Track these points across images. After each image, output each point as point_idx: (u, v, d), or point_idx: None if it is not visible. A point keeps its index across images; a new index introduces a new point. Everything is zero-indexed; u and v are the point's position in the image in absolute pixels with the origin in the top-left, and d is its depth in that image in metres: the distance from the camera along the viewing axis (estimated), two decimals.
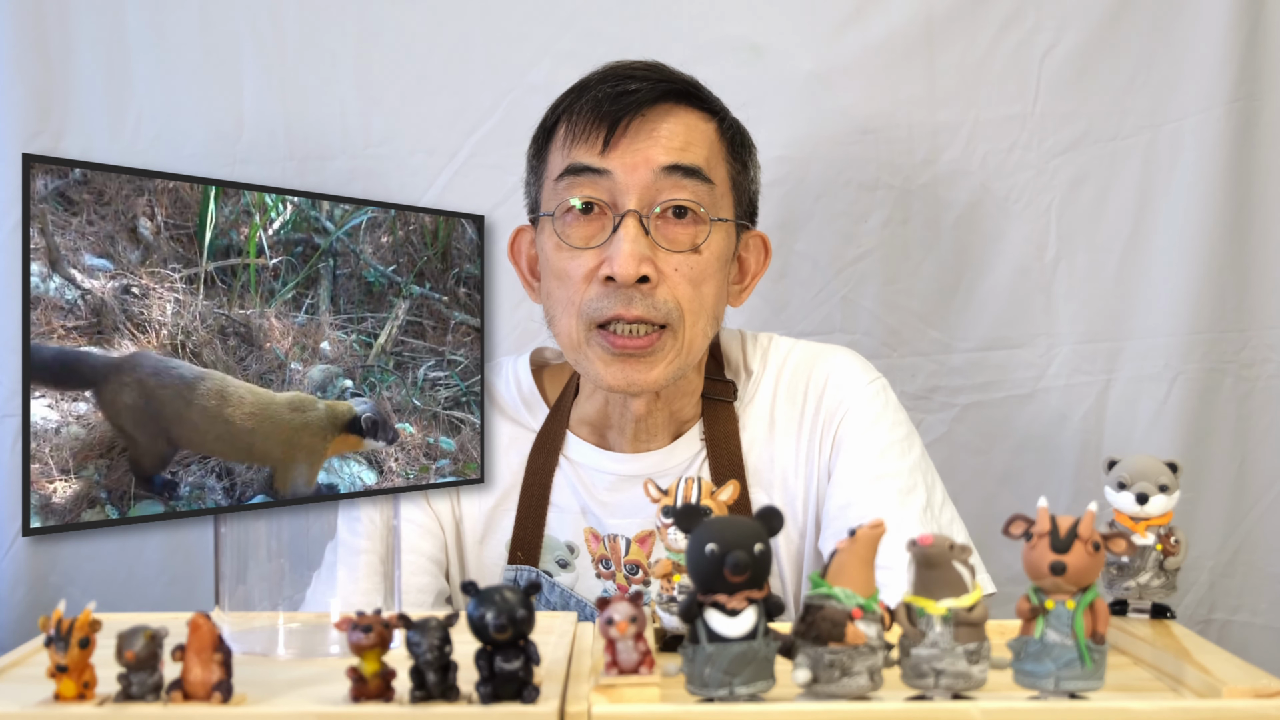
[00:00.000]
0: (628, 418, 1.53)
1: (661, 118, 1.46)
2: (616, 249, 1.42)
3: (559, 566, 1.53)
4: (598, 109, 1.45)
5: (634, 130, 1.45)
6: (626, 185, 1.44)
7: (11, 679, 1.00)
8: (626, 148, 1.44)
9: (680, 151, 1.45)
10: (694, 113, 1.49)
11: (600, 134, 1.45)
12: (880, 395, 1.55)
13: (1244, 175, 1.89)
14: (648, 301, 1.43)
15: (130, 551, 1.92)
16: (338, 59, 1.90)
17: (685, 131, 1.47)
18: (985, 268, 1.93)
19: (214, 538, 1.09)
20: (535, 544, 1.53)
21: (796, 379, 1.56)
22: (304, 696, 0.93)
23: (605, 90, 1.46)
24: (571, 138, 1.47)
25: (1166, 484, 1.11)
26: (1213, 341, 1.90)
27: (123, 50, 1.89)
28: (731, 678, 0.87)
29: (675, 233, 1.45)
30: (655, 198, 1.44)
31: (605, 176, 1.44)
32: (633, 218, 1.43)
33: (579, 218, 1.46)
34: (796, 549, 1.53)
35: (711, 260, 1.47)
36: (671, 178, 1.44)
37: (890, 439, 1.52)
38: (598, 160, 1.45)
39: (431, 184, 1.91)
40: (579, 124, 1.46)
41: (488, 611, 0.87)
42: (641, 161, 1.44)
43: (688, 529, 0.90)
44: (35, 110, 1.88)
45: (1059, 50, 1.90)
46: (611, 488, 1.53)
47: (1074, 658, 0.89)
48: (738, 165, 1.52)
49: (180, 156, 1.90)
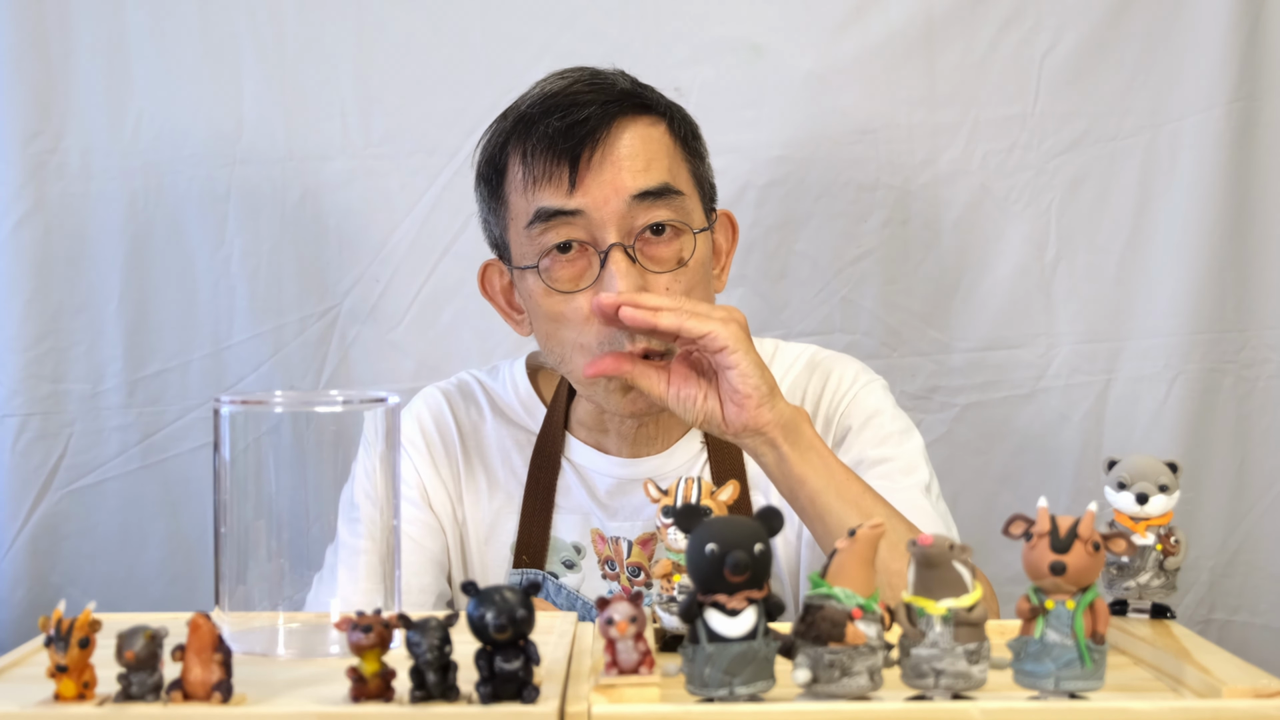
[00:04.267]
0: (627, 424, 1.52)
1: (617, 139, 1.42)
2: (611, 287, 1.39)
3: (565, 568, 1.53)
4: (553, 147, 1.41)
5: (596, 162, 1.41)
6: (602, 219, 1.41)
7: (11, 679, 1.00)
8: (593, 181, 1.41)
9: (644, 173, 1.42)
10: (643, 120, 1.45)
11: (563, 173, 1.41)
12: (878, 392, 1.56)
13: (1244, 175, 1.89)
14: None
15: (130, 551, 1.92)
16: (338, 59, 1.90)
17: (643, 146, 1.44)
18: (985, 268, 1.93)
19: (214, 538, 1.09)
20: (541, 547, 1.53)
21: (797, 384, 1.56)
22: (304, 696, 0.93)
23: (555, 124, 1.42)
24: (532, 179, 1.43)
25: (1166, 484, 1.11)
26: (1213, 341, 1.90)
27: (123, 50, 1.89)
28: (731, 678, 0.87)
29: (659, 252, 1.43)
30: (633, 224, 1.42)
31: (578, 215, 1.41)
32: (618, 250, 1.40)
33: (560, 259, 1.43)
34: (795, 550, 1.53)
35: (697, 268, 1.46)
36: (643, 202, 1.42)
37: (891, 429, 1.52)
38: (566, 201, 1.41)
39: (431, 184, 1.91)
40: (536, 164, 1.42)
41: (488, 611, 0.87)
42: (611, 193, 1.41)
43: (688, 529, 0.90)
44: (35, 110, 1.88)
45: (1059, 50, 1.90)
46: (612, 491, 1.53)
47: (1074, 658, 0.89)
48: (694, 159, 1.50)
49: (180, 156, 1.90)
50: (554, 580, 1.52)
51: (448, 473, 1.57)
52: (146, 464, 1.92)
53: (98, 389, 1.91)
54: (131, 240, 1.90)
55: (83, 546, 1.91)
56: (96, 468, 1.91)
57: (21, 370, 1.89)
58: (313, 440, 1.10)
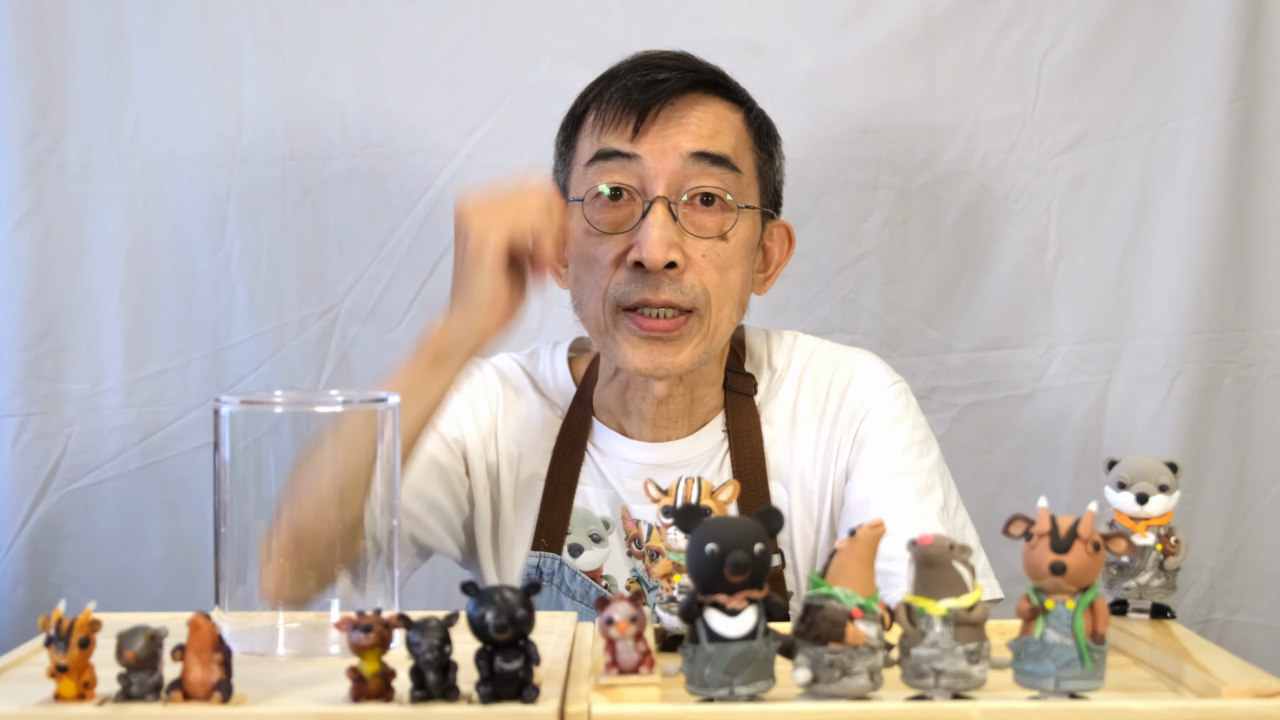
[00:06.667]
0: (649, 401, 1.53)
1: (690, 106, 1.48)
2: (645, 234, 1.44)
3: (592, 541, 1.53)
4: (627, 97, 1.47)
5: (664, 118, 1.47)
6: (655, 171, 1.45)
7: (11, 679, 1.00)
8: (656, 134, 1.46)
9: (708, 139, 1.47)
10: (722, 102, 1.51)
11: (630, 121, 1.47)
12: (902, 397, 1.56)
13: (1244, 175, 1.89)
14: (675, 286, 1.44)
15: (130, 551, 1.92)
16: (338, 59, 1.90)
17: (713, 120, 1.49)
18: (985, 268, 1.93)
19: (214, 538, 1.09)
20: (560, 530, 1.54)
21: (820, 378, 1.57)
22: (304, 696, 0.94)
23: (635, 79, 1.48)
24: (601, 124, 1.49)
25: (1166, 484, 1.11)
26: (1213, 341, 1.91)
27: (123, 50, 1.89)
28: (731, 678, 0.87)
29: (703, 219, 1.47)
30: (683, 184, 1.46)
31: (635, 161, 1.46)
32: (661, 204, 1.45)
33: (608, 203, 1.48)
34: (813, 546, 1.54)
35: (738, 247, 1.48)
36: (699, 164, 1.46)
37: (911, 439, 1.53)
38: (628, 145, 1.46)
39: (431, 184, 1.91)
40: (609, 111, 1.48)
41: (488, 611, 0.87)
42: (670, 148, 1.46)
43: (688, 529, 0.90)
44: (35, 110, 1.88)
45: (1059, 50, 1.90)
46: (636, 475, 1.54)
47: (1074, 658, 0.89)
48: (764, 155, 1.54)
49: (180, 156, 1.90)
50: (569, 562, 1.53)
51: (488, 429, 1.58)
52: (146, 464, 1.92)
53: (97, 389, 1.90)
54: (131, 240, 1.90)
55: (82, 546, 1.91)
56: (96, 468, 1.91)
57: (21, 370, 1.89)
58: None
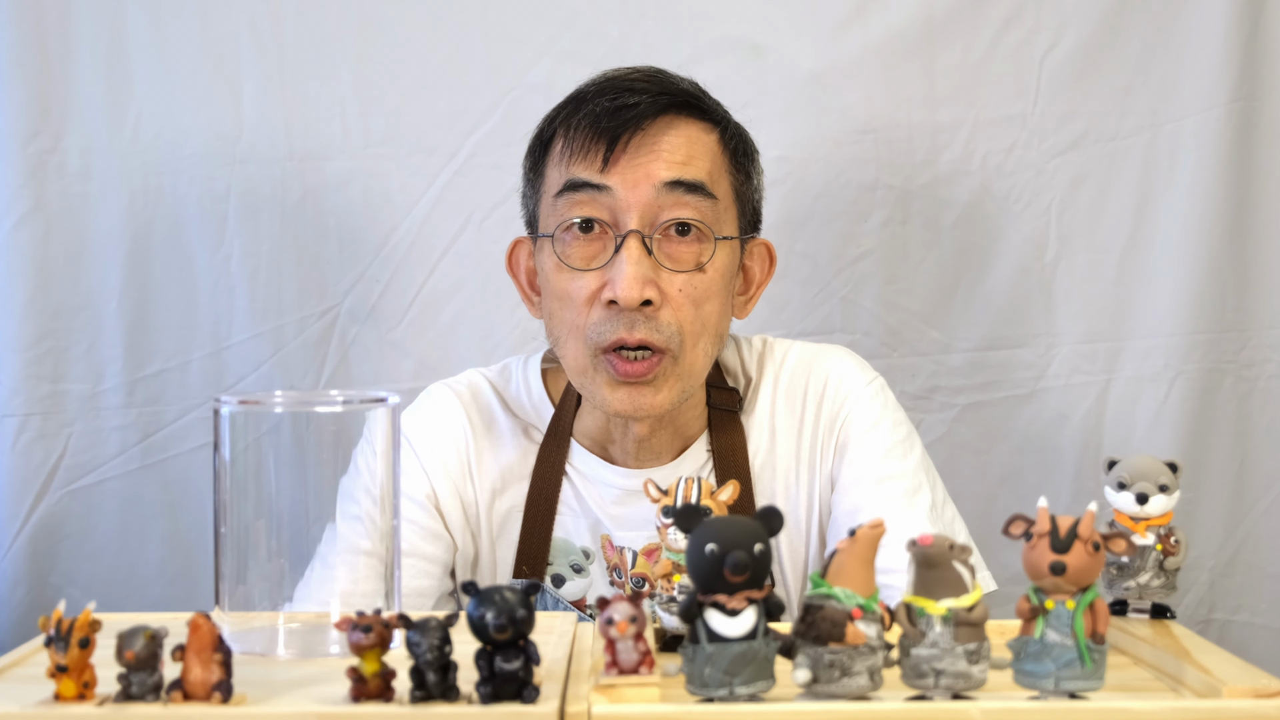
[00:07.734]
0: (630, 438, 1.50)
1: (662, 131, 1.43)
2: (619, 271, 1.39)
3: (573, 571, 1.51)
4: (596, 124, 1.42)
5: (635, 146, 1.41)
6: (628, 203, 1.41)
7: (11, 679, 1.00)
8: (627, 164, 1.41)
9: (682, 166, 1.42)
10: (695, 124, 1.45)
11: (600, 150, 1.41)
12: (879, 396, 1.54)
13: (1244, 175, 1.89)
14: (650, 325, 1.40)
15: (130, 551, 1.92)
16: (338, 59, 1.90)
17: (687, 145, 1.44)
18: (985, 268, 1.93)
19: (214, 538, 1.09)
20: (541, 557, 1.50)
21: (795, 383, 1.54)
22: (304, 696, 0.93)
23: (604, 104, 1.42)
24: (570, 153, 1.43)
25: (1166, 484, 1.11)
26: (1213, 341, 1.90)
27: (123, 50, 1.89)
28: (731, 678, 0.87)
29: (679, 251, 1.42)
30: (658, 215, 1.41)
31: (605, 193, 1.41)
32: (635, 238, 1.40)
33: (579, 237, 1.43)
34: (803, 559, 1.52)
35: (716, 278, 1.44)
36: (674, 194, 1.41)
37: (893, 440, 1.51)
38: (598, 176, 1.41)
39: (431, 184, 1.91)
40: (577, 139, 1.43)
41: (488, 611, 0.87)
42: (643, 177, 1.41)
43: (688, 529, 0.90)
44: (35, 110, 1.88)
45: (1059, 50, 1.90)
46: (618, 501, 1.51)
47: (1074, 658, 0.89)
48: (741, 176, 1.49)
49: (180, 156, 1.90)
50: (551, 591, 1.50)
51: (458, 472, 1.52)
52: (146, 464, 1.92)
53: (97, 389, 1.90)
54: (131, 240, 1.90)
55: (82, 546, 1.91)
56: (96, 468, 1.91)
57: (21, 370, 1.89)
58: (313, 440, 1.10)
